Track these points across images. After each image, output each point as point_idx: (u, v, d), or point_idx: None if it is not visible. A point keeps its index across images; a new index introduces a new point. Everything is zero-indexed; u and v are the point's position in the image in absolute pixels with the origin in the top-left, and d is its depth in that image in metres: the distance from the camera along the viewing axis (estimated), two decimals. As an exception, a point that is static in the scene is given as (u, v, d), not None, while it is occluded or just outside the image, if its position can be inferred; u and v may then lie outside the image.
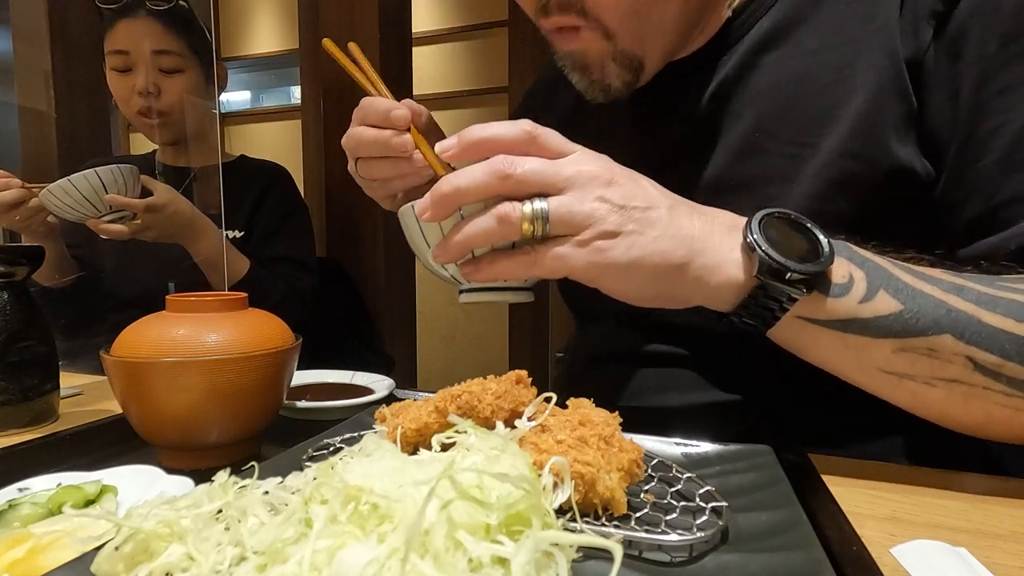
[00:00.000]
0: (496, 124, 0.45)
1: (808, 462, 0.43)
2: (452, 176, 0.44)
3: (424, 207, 0.45)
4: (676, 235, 0.44)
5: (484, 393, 0.41)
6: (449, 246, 0.45)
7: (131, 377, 0.48)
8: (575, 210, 0.43)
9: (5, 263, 0.62)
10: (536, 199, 0.43)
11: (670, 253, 0.44)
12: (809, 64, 0.57)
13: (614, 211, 0.43)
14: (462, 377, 0.45)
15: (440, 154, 0.46)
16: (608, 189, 0.43)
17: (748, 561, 0.32)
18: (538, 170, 0.43)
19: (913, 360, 0.45)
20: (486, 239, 0.45)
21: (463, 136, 0.45)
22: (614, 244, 0.43)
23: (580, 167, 0.44)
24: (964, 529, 0.39)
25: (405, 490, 0.28)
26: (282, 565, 0.26)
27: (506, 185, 0.43)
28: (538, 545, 0.25)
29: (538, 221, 0.43)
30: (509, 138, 0.44)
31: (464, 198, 0.44)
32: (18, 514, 0.39)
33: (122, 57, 1.20)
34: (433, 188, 0.44)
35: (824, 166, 0.54)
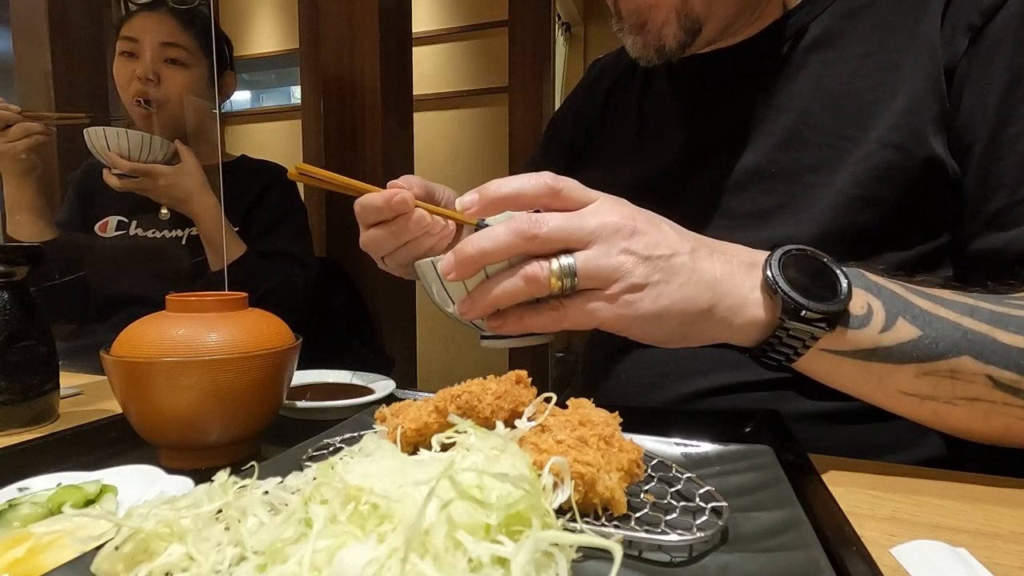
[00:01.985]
0: (517, 179, 0.45)
1: (808, 462, 0.43)
2: (476, 238, 0.44)
3: (448, 267, 0.45)
4: (700, 280, 0.45)
5: (484, 393, 0.41)
6: (476, 303, 0.46)
7: (131, 377, 0.48)
8: (602, 264, 0.43)
9: (5, 263, 0.62)
10: (563, 256, 0.43)
11: (696, 299, 0.44)
12: (857, 66, 0.61)
13: (640, 263, 0.43)
14: (462, 377, 0.45)
15: (462, 211, 0.46)
16: (632, 240, 0.43)
17: (748, 561, 0.32)
18: (563, 227, 0.43)
19: (935, 383, 0.46)
20: (514, 298, 0.45)
21: (484, 192, 0.45)
22: (642, 296, 0.44)
23: (603, 219, 0.44)
24: (964, 529, 0.39)
25: (405, 490, 0.28)
26: (282, 565, 0.26)
27: (532, 245, 0.43)
28: (538, 545, 0.25)
29: (566, 278, 0.43)
30: (531, 193, 0.44)
31: (489, 260, 0.44)
32: (18, 514, 0.39)
33: (130, 43, 1.22)
34: (457, 249, 0.44)
35: (867, 155, 0.57)
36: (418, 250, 0.58)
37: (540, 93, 2.62)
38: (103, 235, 1.28)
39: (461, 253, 0.44)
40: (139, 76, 1.21)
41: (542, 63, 2.59)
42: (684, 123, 0.71)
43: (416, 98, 1.82)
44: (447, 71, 3.18)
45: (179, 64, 1.24)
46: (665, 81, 0.75)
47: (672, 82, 0.74)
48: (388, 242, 0.57)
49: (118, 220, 1.29)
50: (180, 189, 1.16)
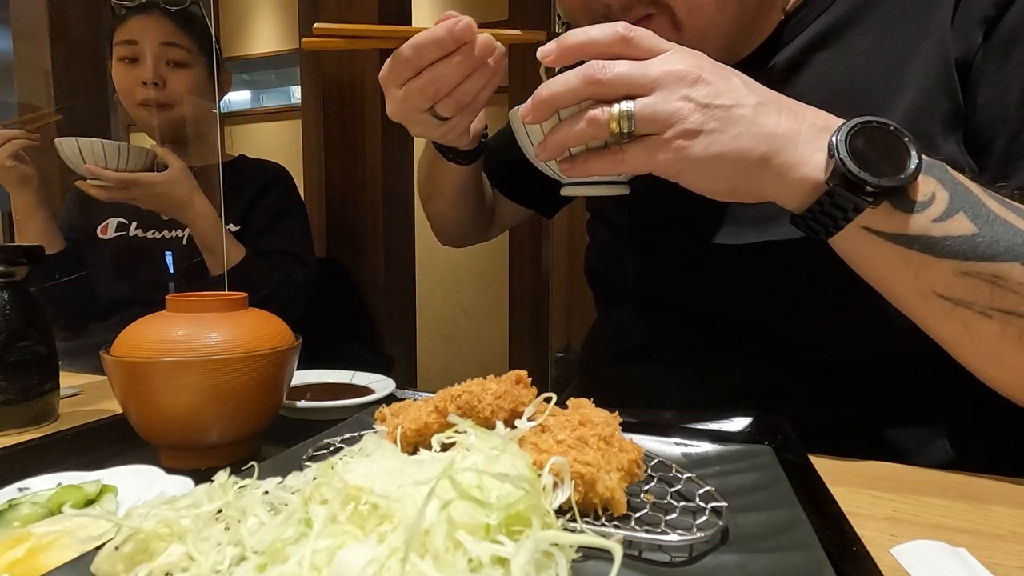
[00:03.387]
0: (593, 28, 0.46)
1: (808, 462, 0.43)
2: (549, 82, 0.47)
3: (526, 110, 0.48)
4: (758, 132, 0.45)
5: (484, 393, 0.41)
6: (548, 145, 0.49)
7: (131, 377, 0.48)
8: (659, 110, 0.44)
9: (5, 263, 0.62)
10: (624, 101, 0.45)
11: (750, 150, 0.45)
12: (860, 63, 0.59)
13: (697, 110, 0.44)
14: (462, 377, 0.45)
15: (541, 58, 0.48)
16: (693, 88, 0.45)
17: (748, 561, 0.32)
18: (626, 73, 0.45)
19: (974, 286, 0.44)
20: (579, 139, 0.47)
21: (561, 41, 0.47)
22: (694, 142, 0.45)
23: (668, 67, 0.45)
24: (964, 529, 0.39)
25: (405, 490, 0.28)
26: (282, 565, 0.26)
27: (596, 89, 0.45)
28: (538, 545, 0.25)
29: (624, 121, 0.45)
30: (603, 41, 0.46)
31: (559, 102, 0.47)
32: (18, 514, 0.39)
33: (130, 47, 1.21)
34: (534, 93, 0.47)
35: None
36: (482, 81, 0.59)
37: (540, 93, 2.61)
38: (103, 237, 1.28)
39: (536, 97, 0.47)
40: (144, 81, 1.21)
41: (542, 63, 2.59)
42: None
43: (416, 98, 1.82)
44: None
45: (181, 65, 1.23)
46: None
47: None
48: (451, 77, 0.57)
49: (118, 222, 1.29)
50: (172, 197, 1.13)
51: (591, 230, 0.82)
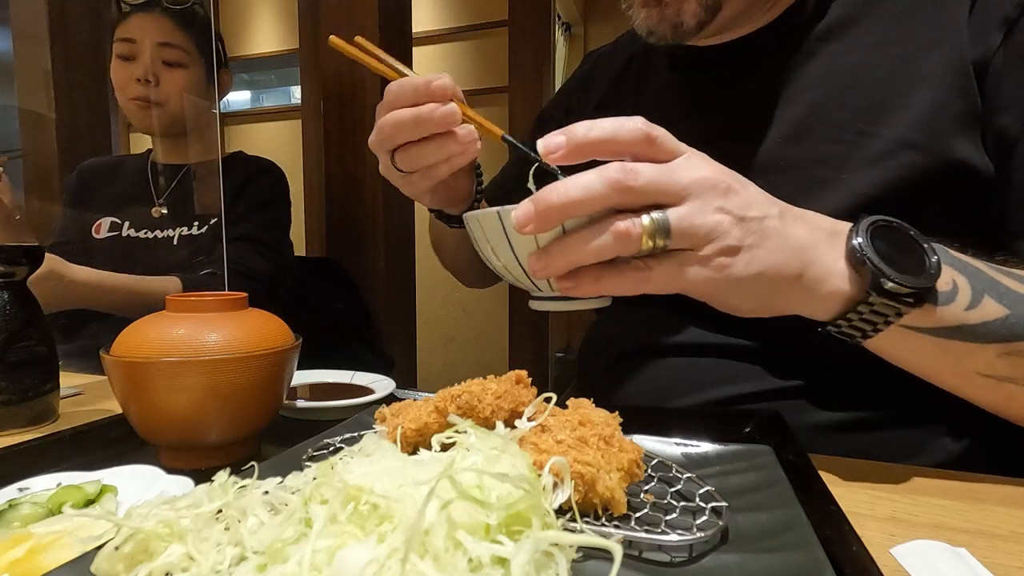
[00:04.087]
0: (608, 122, 0.41)
1: (808, 462, 0.43)
2: (563, 186, 0.39)
3: (527, 219, 0.40)
4: (790, 246, 0.42)
5: (484, 393, 0.41)
6: (552, 260, 0.41)
7: (131, 377, 0.48)
8: (697, 223, 0.40)
9: (5, 263, 0.62)
10: (654, 211, 0.39)
11: (784, 266, 0.42)
12: (868, 56, 0.58)
13: (735, 224, 0.40)
14: (462, 377, 0.45)
15: (545, 155, 0.41)
16: (727, 199, 0.41)
17: (748, 561, 0.32)
18: (658, 180, 0.39)
19: (1016, 363, 0.45)
20: (598, 256, 0.40)
21: (572, 135, 0.40)
22: (735, 260, 0.41)
23: (697, 174, 0.40)
24: (964, 529, 0.39)
25: (405, 490, 0.28)
26: (282, 565, 0.26)
27: (625, 197, 0.39)
28: (538, 545, 0.25)
29: (659, 237, 0.39)
30: (624, 139, 0.40)
31: (577, 211, 0.39)
32: (18, 514, 0.39)
33: (127, 45, 1.23)
34: (537, 198, 0.40)
35: (883, 154, 0.55)
36: (440, 154, 0.54)
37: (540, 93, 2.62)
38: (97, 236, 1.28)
39: (544, 203, 0.39)
40: (137, 78, 1.22)
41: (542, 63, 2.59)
42: (686, 116, 0.68)
43: (416, 98, 1.82)
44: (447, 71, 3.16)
45: (176, 65, 1.24)
46: (666, 72, 0.74)
47: (674, 74, 0.72)
48: (406, 130, 0.53)
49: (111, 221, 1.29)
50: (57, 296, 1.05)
51: None
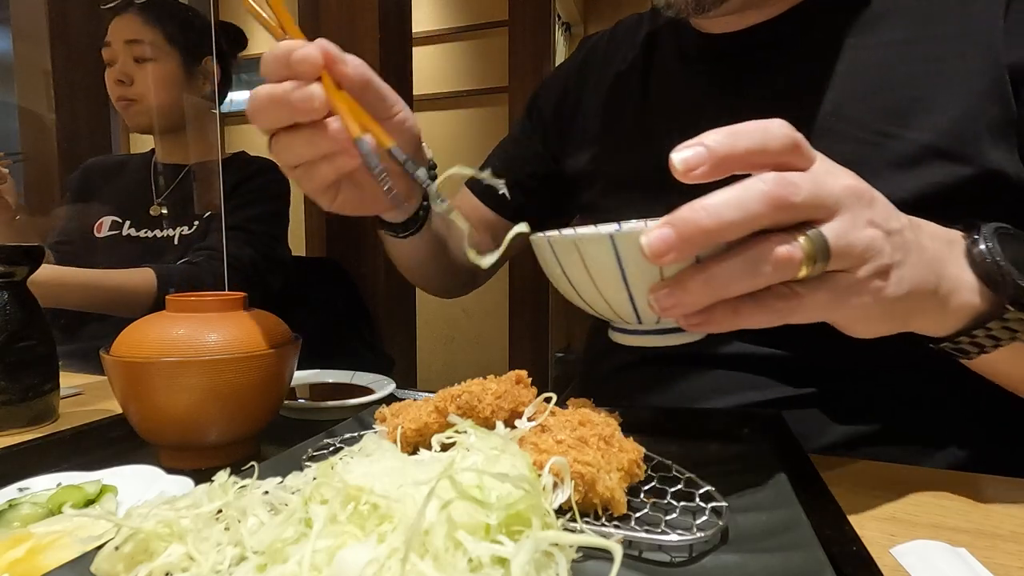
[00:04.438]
0: (753, 130, 0.33)
1: (808, 462, 0.43)
2: (713, 205, 0.32)
3: (665, 246, 0.32)
4: (926, 259, 0.37)
5: (484, 393, 0.41)
6: (689, 295, 0.34)
7: (131, 377, 0.48)
8: (853, 241, 0.34)
9: (5, 263, 0.62)
10: (809, 229, 0.33)
11: (925, 282, 0.37)
12: (894, 54, 0.56)
13: (885, 239, 0.35)
14: (462, 377, 0.45)
15: (684, 173, 0.33)
16: (873, 209, 0.35)
17: (748, 561, 0.32)
18: (815, 192, 0.33)
19: None
20: (750, 288, 0.33)
21: (713, 148, 0.32)
22: (888, 282, 0.35)
23: (841, 180, 0.35)
24: (964, 529, 0.39)
25: (405, 490, 0.28)
26: (282, 565, 0.26)
27: (785, 216, 0.33)
28: (538, 545, 0.25)
29: (819, 260, 0.33)
30: (776, 149, 0.33)
31: (730, 235, 0.32)
32: (18, 514, 0.39)
33: (107, 49, 1.26)
34: (679, 221, 0.32)
35: (910, 159, 0.53)
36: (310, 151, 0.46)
37: (540, 93, 2.62)
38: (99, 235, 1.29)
39: (690, 226, 0.32)
40: (115, 79, 1.25)
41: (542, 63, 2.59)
42: (701, 107, 0.65)
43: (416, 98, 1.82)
44: (447, 71, 3.18)
45: (145, 60, 1.26)
46: (677, 61, 0.70)
47: (686, 62, 0.69)
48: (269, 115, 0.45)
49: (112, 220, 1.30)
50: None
51: None
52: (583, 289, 0.40)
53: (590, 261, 0.38)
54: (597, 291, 0.39)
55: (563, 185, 0.81)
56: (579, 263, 0.38)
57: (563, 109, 0.81)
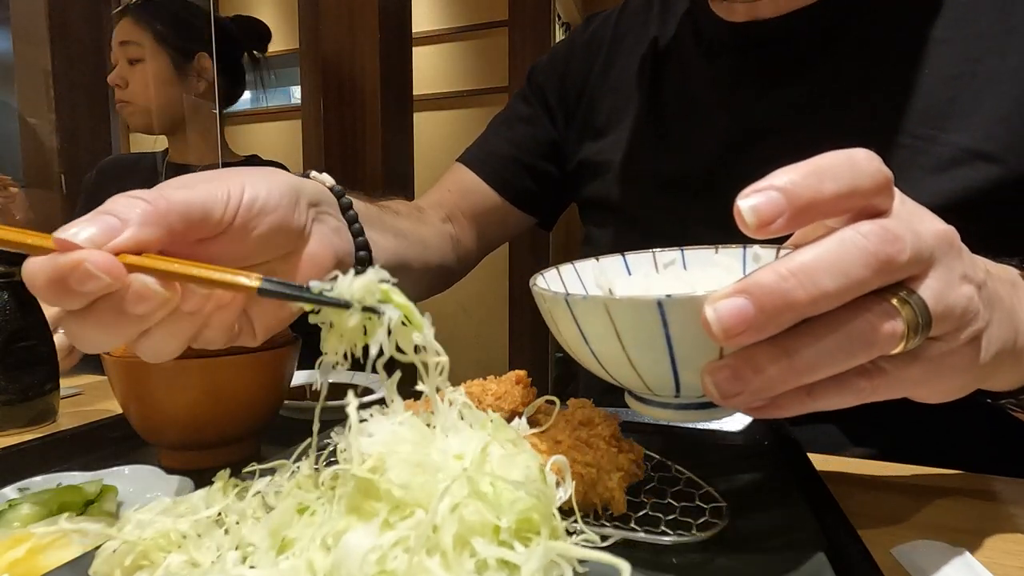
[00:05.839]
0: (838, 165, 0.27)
1: (808, 462, 0.43)
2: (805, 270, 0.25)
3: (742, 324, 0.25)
4: (1007, 311, 0.32)
5: (484, 394, 0.41)
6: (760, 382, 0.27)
7: (131, 377, 0.48)
8: (951, 303, 0.28)
9: (5, 263, 0.62)
10: (903, 292, 0.27)
11: (1008, 340, 0.32)
12: (933, 53, 0.54)
13: (979, 295, 0.29)
14: (462, 377, 0.45)
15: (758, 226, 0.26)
16: (962, 259, 0.29)
17: (748, 561, 0.32)
18: (917, 246, 0.27)
19: None
20: (841, 369, 0.27)
21: (795, 193, 0.26)
22: (980, 347, 0.30)
23: (931, 225, 0.28)
24: (964, 529, 0.39)
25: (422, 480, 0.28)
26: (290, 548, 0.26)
27: (888, 278, 0.27)
28: (548, 554, 0.25)
29: (922, 331, 0.27)
30: (867, 189, 0.27)
31: (827, 307, 0.26)
32: (18, 514, 0.39)
33: (111, 53, 1.30)
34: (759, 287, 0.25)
35: (951, 162, 0.52)
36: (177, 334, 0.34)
37: (540, 93, 2.62)
38: None
39: (774, 297, 0.25)
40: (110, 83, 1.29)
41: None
42: (724, 106, 0.63)
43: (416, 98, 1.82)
44: (447, 71, 3.18)
45: (136, 60, 1.28)
46: (695, 50, 0.67)
47: (706, 52, 0.66)
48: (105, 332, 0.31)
49: None
50: None
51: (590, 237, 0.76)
52: (607, 358, 0.33)
53: (624, 328, 0.31)
54: (628, 362, 0.32)
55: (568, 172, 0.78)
56: (608, 328, 0.31)
57: (567, 91, 0.78)
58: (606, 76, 0.74)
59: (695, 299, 0.27)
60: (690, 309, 0.28)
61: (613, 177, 0.71)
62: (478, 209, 0.79)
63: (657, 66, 0.69)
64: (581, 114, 0.76)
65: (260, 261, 0.38)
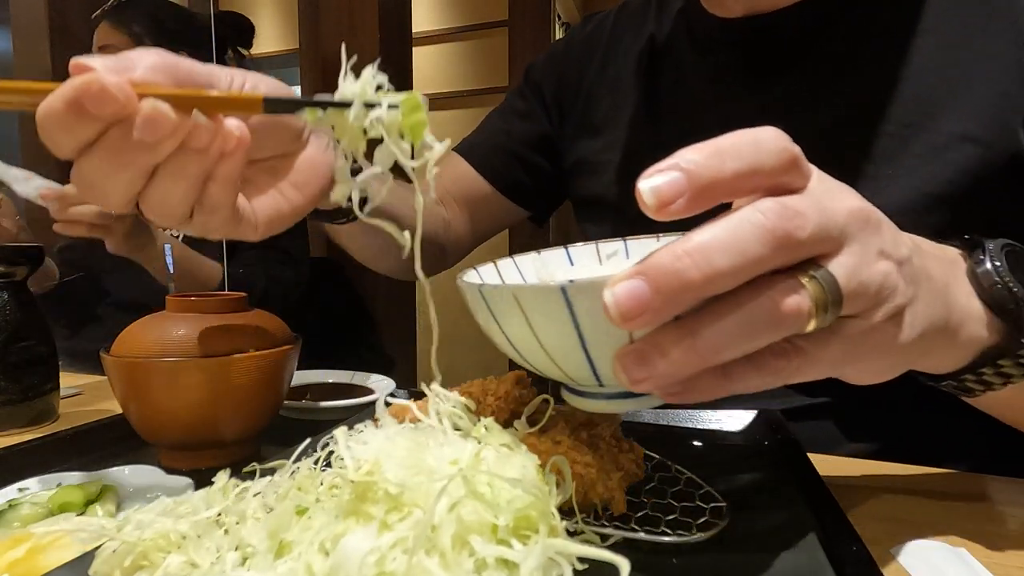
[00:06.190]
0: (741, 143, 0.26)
1: (808, 462, 0.43)
2: (700, 250, 0.25)
3: (638, 307, 0.25)
4: (936, 290, 0.32)
5: (484, 394, 0.41)
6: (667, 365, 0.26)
7: (131, 377, 0.48)
8: (865, 280, 0.27)
9: (5, 263, 0.62)
10: (812, 269, 0.26)
11: (937, 318, 0.31)
12: (920, 43, 0.55)
13: (898, 271, 0.29)
14: (462, 377, 0.45)
15: (658, 209, 0.25)
16: (881, 235, 0.29)
17: (748, 561, 0.32)
18: (822, 223, 0.26)
19: None
20: (750, 349, 0.27)
21: (693, 175, 0.25)
22: (902, 324, 0.29)
23: (845, 202, 0.28)
24: (964, 529, 0.39)
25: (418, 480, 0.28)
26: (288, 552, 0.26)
27: (790, 256, 0.26)
28: (546, 552, 0.25)
29: (831, 309, 0.26)
30: (771, 168, 0.26)
31: (725, 287, 0.25)
32: (18, 514, 0.39)
33: None
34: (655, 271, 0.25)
35: (940, 148, 0.52)
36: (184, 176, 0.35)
37: (540, 93, 2.62)
38: None
39: (669, 278, 0.25)
40: None
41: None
42: (711, 102, 0.64)
43: (416, 98, 1.82)
44: (447, 71, 3.18)
45: None
46: (687, 51, 0.68)
47: (696, 53, 0.67)
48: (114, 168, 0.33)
49: None
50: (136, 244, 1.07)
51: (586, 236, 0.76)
52: (525, 349, 0.33)
53: (535, 317, 0.30)
54: (544, 353, 0.32)
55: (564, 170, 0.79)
56: (520, 319, 0.31)
57: (564, 90, 0.79)
58: (603, 75, 0.75)
59: (597, 283, 0.26)
60: (594, 294, 0.26)
61: (610, 175, 0.71)
62: (469, 197, 0.81)
63: (653, 64, 0.70)
64: (577, 112, 0.77)
65: (259, 157, 0.40)
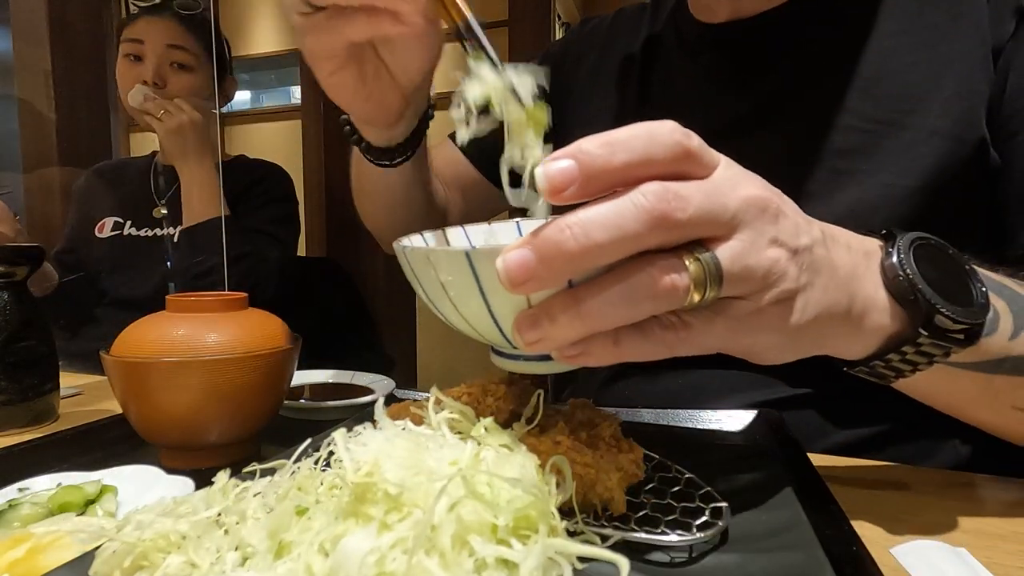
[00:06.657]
0: (637, 138, 0.28)
1: (808, 462, 0.43)
2: (580, 225, 0.27)
3: (524, 273, 0.27)
4: (839, 278, 0.34)
5: (484, 394, 0.41)
6: (556, 331, 0.29)
7: (131, 377, 0.48)
8: (753, 264, 0.29)
9: (5, 263, 0.62)
10: (697, 250, 0.29)
11: (836, 304, 0.33)
12: (890, 45, 0.58)
13: (790, 259, 0.31)
14: (462, 377, 0.45)
15: (551, 194, 0.28)
16: (778, 225, 0.31)
17: (748, 561, 0.32)
18: (707, 207, 0.28)
19: None
20: (627, 321, 0.29)
21: (586, 163, 0.27)
22: (793, 307, 0.31)
23: (742, 190, 0.30)
24: (964, 529, 0.39)
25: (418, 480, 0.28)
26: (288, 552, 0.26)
27: (670, 236, 0.28)
28: (546, 551, 0.25)
29: (710, 287, 0.29)
30: (662, 159, 0.28)
31: (601, 260, 0.28)
32: (18, 514, 0.39)
33: (135, 45, 1.23)
34: (540, 243, 0.27)
35: (912, 143, 0.55)
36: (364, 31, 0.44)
37: (540, 93, 2.62)
38: (100, 235, 1.29)
39: (552, 250, 0.27)
40: (145, 80, 1.22)
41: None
42: (699, 102, 0.66)
43: (416, 98, 1.82)
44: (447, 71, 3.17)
45: (184, 68, 1.25)
46: (677, 54, 0.70)
47: (685, 56, 0.69)
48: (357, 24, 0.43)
49: (114, 221, 1.30)
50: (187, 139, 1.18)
51: None
52: (445, 310, 0.34)
53: (447, 281, 0.31)
54: (459, 315, 0.33)
55: None
56: (435, 282, 0.32)
57: (559, 89, 0.80)
58: (597, 76, 0.77)
59: (498, 250, 0.28)
60: (492, 259, 0.28)
61: None
62: (460, 181, 0.83)
63: (645, 66, 0.72)
64: (572, 112, 0.78)
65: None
